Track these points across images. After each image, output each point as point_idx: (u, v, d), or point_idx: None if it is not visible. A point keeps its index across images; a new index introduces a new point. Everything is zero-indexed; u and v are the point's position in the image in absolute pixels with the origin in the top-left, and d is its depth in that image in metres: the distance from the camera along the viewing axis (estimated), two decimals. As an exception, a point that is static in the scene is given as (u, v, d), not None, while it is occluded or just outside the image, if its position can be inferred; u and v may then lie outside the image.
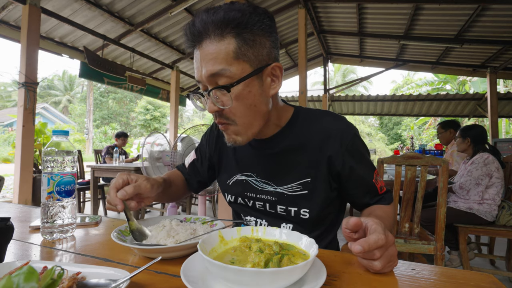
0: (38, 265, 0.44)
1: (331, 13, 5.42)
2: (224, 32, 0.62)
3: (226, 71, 0.63)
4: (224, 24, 0.62)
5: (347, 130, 0.76)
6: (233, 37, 0.63)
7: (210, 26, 0.63)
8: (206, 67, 0.64)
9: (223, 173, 0.91)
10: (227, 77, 0.63)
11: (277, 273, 0.38)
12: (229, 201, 0.91)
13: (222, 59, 0.62)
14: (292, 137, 0.78)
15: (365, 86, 24.75)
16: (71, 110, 27.01)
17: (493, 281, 0.47)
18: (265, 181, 0.81)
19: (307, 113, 0.81)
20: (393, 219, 0.80)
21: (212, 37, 0.63)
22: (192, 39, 0.66)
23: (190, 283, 0.40)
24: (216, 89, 0.64)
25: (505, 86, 14.59)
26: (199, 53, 0.65)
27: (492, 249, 2.63)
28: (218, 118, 0.69)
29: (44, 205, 0.68)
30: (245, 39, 0.63)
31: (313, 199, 0.76)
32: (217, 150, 0.92)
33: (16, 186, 3.51)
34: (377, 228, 0.51)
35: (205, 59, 0.64)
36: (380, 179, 0.82)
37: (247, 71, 0.65)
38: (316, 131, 0.77)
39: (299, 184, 0.76)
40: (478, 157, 2.25)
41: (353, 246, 0.48)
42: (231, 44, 0.63)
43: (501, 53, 5.42)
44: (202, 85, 0.69)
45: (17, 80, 3.56)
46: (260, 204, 0.82)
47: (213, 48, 0.63)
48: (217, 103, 0.66)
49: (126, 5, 4.56)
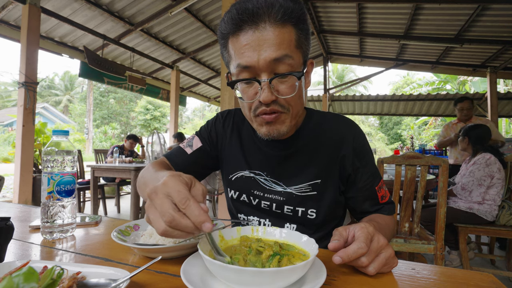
0: (38, 265, 0.44)
1: (331, 12, 5.41)
2: (288, 20, 0.60)
3: (289, 58, 0.61)
4: (290, 11, 0.60)
5: (359, 136, 0.78)
6: (293, 27, 0.62)
7: (276, 9, 0.59)
8: (268, 51, 0.60)
9: (226, 164, 0.87)
10: (288, 64, 0.61)
11: (277, 273, 0.38)
12: (231, 197, 0.86)
13: (287, 46, 0.61)
14: (306, 139, 0.78)
15: (364, 85, 24.74)
16: (71, 109, 27.02)
17: (493, 281, 0.47)
18: (274, 181, 0.79)
19: (320, 116, 0.82)
20: (392, 229, 0.78)
21: (274, 21, 0.60)
22: (248, 18, 0.60)
23: (190, 282, 0.40)
24: (289, 75, 0.62)
25: (506, 86, 14.59)
26: (255, 35, 0.60)
27: (492, 248, 2.63)
28: (272, 106, 0.65)
29: (44, 205, 0.68)
30: (302, 30, 0.63)
31: (321, 201, 0.76)
32: (224, 138, 0.88)
33: (16, 186, 3.52)
34: (360, 236, 0.50)
35: (267, 43, 0.60)
36: (385, 189, 0.81)
37: (302, 62, 0.66)
38: (330, 134, 0.78)
39: (309, 185, 0.76)
40: (480, 157, 2.25)
41: (333, 257, 0.48)
42: (292, 33, 0.62)
43: (501, 52, 5.42)
44: (250, 73, 0.63)
45: (17, 80, 3.56)
46: (266, 204, 0.80)
47: (276, 33, 0.60)
48: (274, 92, 0.63)
49: (126, 4, 4.56)
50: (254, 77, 0.63)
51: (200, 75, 7.75)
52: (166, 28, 5.41)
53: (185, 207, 0.41)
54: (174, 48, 6.08)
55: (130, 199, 3.48)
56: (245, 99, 0.67)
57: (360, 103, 8.03)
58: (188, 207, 0.41)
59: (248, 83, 0.66)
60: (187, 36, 5.76)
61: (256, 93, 0.64)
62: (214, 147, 0.89)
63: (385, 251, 0.50)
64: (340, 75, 23.90)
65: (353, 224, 0.55)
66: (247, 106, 0.69)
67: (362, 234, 0.50)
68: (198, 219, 0.40)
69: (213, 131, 0.89)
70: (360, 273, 0.50)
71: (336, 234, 0.53)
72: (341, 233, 0.53)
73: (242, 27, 0.61)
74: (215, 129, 0.89)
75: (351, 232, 0.53)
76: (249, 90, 0.66)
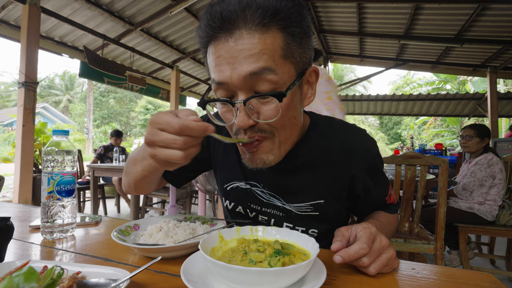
0: (38, 265, 0.44)
1: (331, 12, 5.41)
2: (271, 22, 0.48)
3: (271, 72, 0.49)
4: (273, 12, 0.48)
5: (371, 148, 0.69)
6: (279, 31, 0.49)
7: (253, 10, 0.48)
8: (244, 64, 0.48)
9: (220, 172, 0.79)
10: (270, 81, 0.49)
11: (280, 273, 0.38)
12: (226, 207, 0.80)
13: (268, 56, 0.48)
14: (309, 153, 0.68)
15: (364, 85, 24.74)
16: (71, 109, 27.02)
17: (492, 281, 0.47)
18: (272, 194, 0.71)
19: (326, 124, 0.71)
20: (394, 227, 0.77)
21: (252, 26, 0.48)
22: (220, 25, 0.49)
23: (190, 282, 0.40)
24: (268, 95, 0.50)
25: (506, 85, 14.59)
26: (228, 45, 0.49)
27: (492, 248, 2.63)
28: (249, 133, 0.54)
29: (44, 205, 0.68)
30: (294, 35, 0.51)
31: (323, 221, 0.70)
32: (218, 143, 0.79)
33: (16, 186, 3.51)
34: (362, 236, 0.50)
35: (242, 54, 0.48)
36: (393, 193, 0.78)
37: (293, 75, 0.53)
38: (337, 148, 0.67)
39: (311, 205, 0.68)
40: (482, 158, 2.24)
41: (334, 256, 0.48)
42: (278, 39, 0.49)
43: (501, 52, 5.42)
44: (226, 90, 0.52)
45: (17, 80, 3.56)
46: (264, 218, 0.74)
47: (254, 41, 0.48)
48: (253, 115, 0.52)
49: (126, 4, 4.56)
50: (231, 95, 0.53)
51: (200, 75, 7.75)
52: (166, 28, 5.41)
53: (179, 115, 0.44)
54: (174, 48, 6.08)
55: (130, 199, 3.48)
56: (225, 121, 0.57)
57: (360, 103, 8.03)
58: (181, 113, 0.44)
59: (224, 104, 0.54)
60: (187, 36, 5.76)
61: (233, 115, 0.53)
62: (205, 150, 0.81)
63: (387, 252, 0.50)
64: (340, 76, 23.88)
65: (356, 224, 0.55)
66: (228, 128, 0.59)
67: (364, 234, 0.50)
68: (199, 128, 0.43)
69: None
70: (360, 273, 0.50)
71: (338, 234, 0.53)
72: (343, 233, 0.52)
73: (215, 36, 0.50)
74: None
75: (353, 232, 0.52)
76: (226, 111, 0.55)
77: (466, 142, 2.36)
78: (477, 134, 2.33)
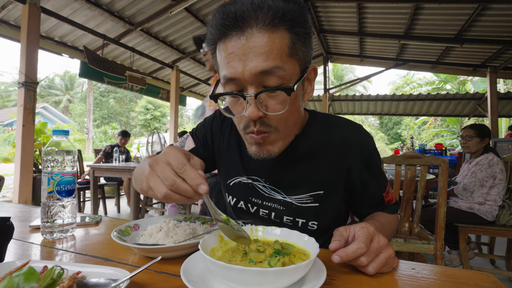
0: (38, 265, 0.44)
1: (331, 12, 5.42)
2: (280, 23, 0.53)
3: (279, 69, 0.53)
4: (282, 13, 0.52)
5: (367, 142, 0.72)
6: (286, 31, 0.54)
7: (264, 11, 0.52)
8: (255, 61, 0.52)
9: (223, 168, 0.83)
10: (279, 77, 0.54)
11: (280, 273, 0.38)
12: (229, 204, 0.84)
13: (277, 55, 0.53)
14: (308, 146, 0.72)
15: (364, 85, 24.74)
16: (71, 109, 27.01)
17: (492, 281, 0.47)
18: (274, 188, 0.74)
19: (324, 119, 0.76)
20: (394, 227, 0.78)
21: (262, 26, 0.52)
22: (232, 23, 0.53)
23: (190, 282, 0.40)
24: (278, 90, 0.54)
25: (506, 85, 14.59)
26: (240, 42, 0.53)
27: (492, 248, 2.63)
28: (258, 126, 0.58)
29: (44, 205, 0.68)
30: (299, 35, 0.55)
31: (323, 212, 0.72)
32: (221, 140, 0.83)
33: (16, 186, 3.51)
34: (360, 236, 0.50)
35: (253, 51, 0.52)
36: (392, 191, 0.79)
37: (297, 71, 0.58)
38: (334, 141, 0.71)
39: (310, 196, 0.71)
40: (483, 158, 2.24)
41: (332, 256, 0.48)
42: (285, 38, 0.54)
43: (501, 52, 5.42)
44: (236, 85, 0.57)
45: (17, 80, 3.56)
46: (265, 212, 0.76)
47: (264, 39, 0.52)
48: (262, 108, 0.56)
49: (126, 4, 4.56)
50: (241, 89, 0.57)
51: (200, 75, 7.75)
52: (166, 28, 5.41)
53: (183, 171, 0.45)
54: (174, 48, 6.08)
55: (131, 199, 3.48)
56: (234, 113, 0.62)
57: (360, 103, 8.03)
58: (185, 172, 0.45)
59: (235, 97, 0.59)
60: (187, 36, 5.77)
61: (243, 108, 0.57)
62: (209, 149, 0.85)
63: (385, 251, 0.50)
64: (340, 76, 23.88)
65: (354, 224, 0.55)
66: (236, 121, 0.64)
67: (362, 234, 0.50)
68: (195, 182, 0.44)
69: (209, 132, 0.85)
70: (360, 273, 0.50)
71: (336, 234, 0.53)
72: (342, 233, 0.53)
73: (227, 33, 0.54)
74: (211, 129, 0.85)
75: (351, 232, 0.53)
76: (236, 105, 0.60)
77: (466, 142, 2.36)
78: (477, 134, 2.33)
